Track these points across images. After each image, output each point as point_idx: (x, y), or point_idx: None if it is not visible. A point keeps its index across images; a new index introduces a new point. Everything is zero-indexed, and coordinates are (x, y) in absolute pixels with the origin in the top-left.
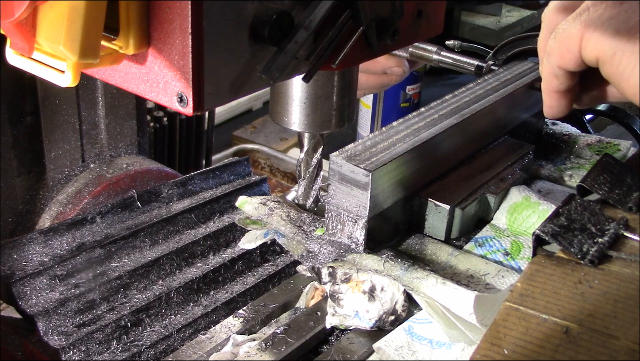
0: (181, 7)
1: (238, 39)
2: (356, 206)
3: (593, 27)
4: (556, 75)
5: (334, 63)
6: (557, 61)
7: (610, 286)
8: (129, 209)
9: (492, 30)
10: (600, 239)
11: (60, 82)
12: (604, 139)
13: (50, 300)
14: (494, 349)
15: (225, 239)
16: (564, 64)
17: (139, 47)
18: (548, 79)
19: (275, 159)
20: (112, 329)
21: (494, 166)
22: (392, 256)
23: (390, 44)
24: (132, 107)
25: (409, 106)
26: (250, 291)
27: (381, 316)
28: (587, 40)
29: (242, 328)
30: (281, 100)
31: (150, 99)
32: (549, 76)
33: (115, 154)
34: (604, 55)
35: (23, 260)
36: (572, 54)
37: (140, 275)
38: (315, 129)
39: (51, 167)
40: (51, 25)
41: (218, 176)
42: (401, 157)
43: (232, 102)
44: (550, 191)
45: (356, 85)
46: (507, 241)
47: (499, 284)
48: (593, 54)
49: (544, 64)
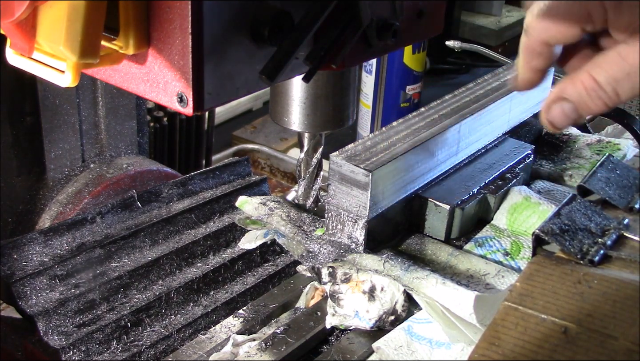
0: (181, 7)
1: (238, 39)
2: (356, 206)
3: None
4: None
5: (334, 63)
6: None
7: (609, 286)
8: (129, 209)
9: (492, 30)
10: (600, 240)
11: (60, 82)
12: (604, 139)
13: (50, 300)
14: (492, 348)
15: (225, 239)
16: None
17: (139, 47)
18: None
19: (275, 159)
20: (112, 329)
21: (494, 166)
22: (392, 256)
23: (390, 44)
24: (132, 107)
25: (409, 106)
26: (250, 291)
27: (381, 316)
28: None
29: (242, 328)
30: (281, 100)
31: (150, 99)
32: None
33: (115, 154)
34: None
35: (23, 260)
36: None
37: (140, 275)
38: (315, 129)
39: (51, 167)
40: (51, 25)
41: (218, 176)
42: (401, 157)
43: (232, 102)
44: (550, 191)
45: (356, 85)
46: (507, 241)
47: (499, 284)
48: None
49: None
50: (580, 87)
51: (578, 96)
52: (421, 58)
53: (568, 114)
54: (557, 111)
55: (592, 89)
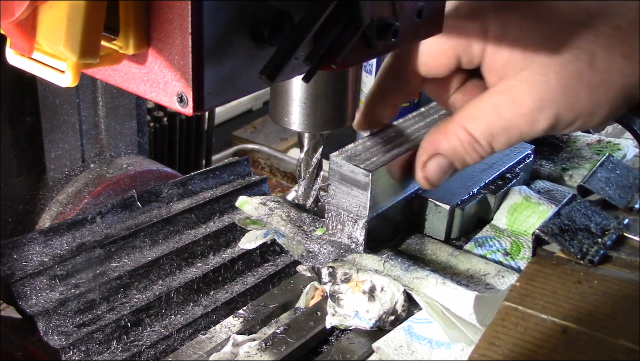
0: (181, 7)
1: (238, 39)
2: (356, 206)
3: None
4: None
5: (334, 63)
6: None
7: (609, 286)
8: (129, 209)
9: None
10: (600, 240)
11: (60, 82)
12: (604, 139)
13: (50, 300)
14: (492, 348)
15: (225, 239)
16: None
17: (139, 47)
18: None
19: (275, 159)
20: (112, 329)
21: (494, 166)
22: (392, 256)
23: (390, 44)
24: (132, 107)
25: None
26: (250, 291)
27: (381, 316)
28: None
29: (242, 328)
30: (281, 100)
31: (150, 99)
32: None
33: (115, 154)
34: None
35: (23, 260)
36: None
37: (140, 275)
38: (315, 129)
39: (51, 167)
40: (51, 25)
41: (218, 176)
42: (401, 158)
43: (232, 102)
44: (550, 191)
45: (356, 85)
46: (507, 241)
47: (499, 284)
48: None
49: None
50: (455, 141)
51: (453, 150)
52: None
53: (444, 169)
54: (434, 167)
55: (467, 143)
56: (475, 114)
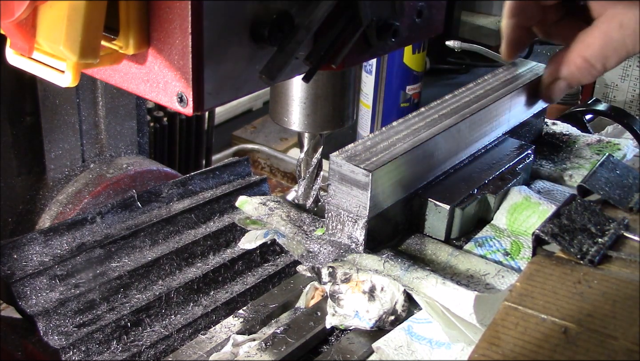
0: (181, 7)
1: (238, 39)
2: (356, 206)
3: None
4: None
5: (334, 63)
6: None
7: (609, 286)
8: (129, 209)
9: (492, 30)
10: (600, 240)
11: (60, 82)
12: (604, 139)
13: (50, 300)
14: (492, 348)
15: (225, 239)
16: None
17: (139, 47)
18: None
19: (275, 159)
20: (112, 329)
21: (494, 166)
22: (392, 256)
23: (390, 44)
24: (132, 107)
25: (409, 106)
26: (250, 291)
27: (381, 316)
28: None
29: (242, 328)
30: (281, 100)
31: (150, 99)
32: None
33: (115, 154)
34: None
35: (23, 260)
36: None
37: (140, 275)
38: (315, 129)
39: (51, 167)
40: (51, 25)
41: (218, 176)
42: (401, 157)
43: (232, 102)
44: (550, 191)
45: (356, 85)
46: (507, 241)
47: (499, 284)
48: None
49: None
50: (573, 67)
51: (571, 74)
52: (421, 58)
53: (563, 89)
54: (555, 89)
55: (585, 68)
56: (590, 43)
